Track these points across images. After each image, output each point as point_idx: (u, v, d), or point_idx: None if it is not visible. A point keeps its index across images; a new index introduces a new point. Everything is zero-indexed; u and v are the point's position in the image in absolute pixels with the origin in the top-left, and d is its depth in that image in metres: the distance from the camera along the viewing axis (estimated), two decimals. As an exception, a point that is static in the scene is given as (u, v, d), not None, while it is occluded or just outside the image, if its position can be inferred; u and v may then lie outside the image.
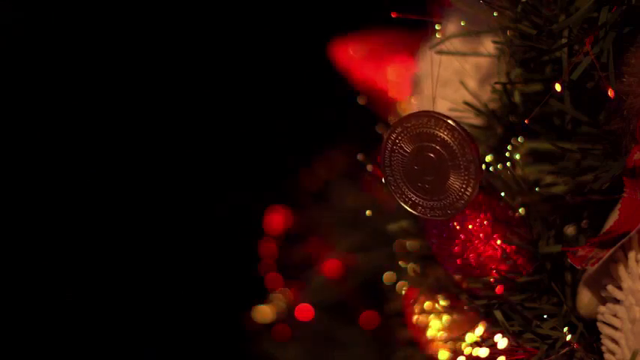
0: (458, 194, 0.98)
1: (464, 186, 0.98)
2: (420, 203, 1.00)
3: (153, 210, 1.97)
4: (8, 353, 1.94)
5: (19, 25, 1.95)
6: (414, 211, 1.00)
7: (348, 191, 1.56)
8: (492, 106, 1.11)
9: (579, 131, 1.04)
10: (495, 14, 1.03)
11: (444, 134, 0.97)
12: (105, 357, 1.96)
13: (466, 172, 0.97)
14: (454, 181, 0.98)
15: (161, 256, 1.96)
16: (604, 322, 1.00)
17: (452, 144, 0.97)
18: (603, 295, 1.00)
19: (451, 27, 1.18)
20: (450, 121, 0.97)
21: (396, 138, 0.99)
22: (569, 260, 0.99)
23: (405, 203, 1.01)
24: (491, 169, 1.08)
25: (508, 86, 1.08)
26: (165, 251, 1.96)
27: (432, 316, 1.16)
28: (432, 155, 0.98)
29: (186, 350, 1.96)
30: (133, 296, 1.95)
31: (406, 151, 0.99)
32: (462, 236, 1.06)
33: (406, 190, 1.00)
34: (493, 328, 1.05)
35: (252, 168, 1.95)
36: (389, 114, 1.45)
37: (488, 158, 1.09)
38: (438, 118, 0.97)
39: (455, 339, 1.11)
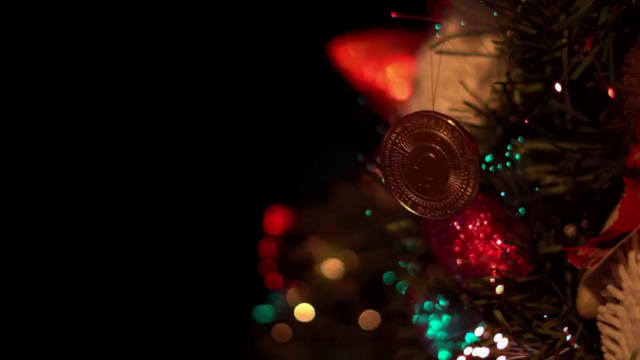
0: (458, 194, 0.98)
1: (464, 186, 0.98)
2: (420, 203, 1.00)
3: (153, 210, 1.97)
4: (8, 353, 1.94)
5: (17, 23, 1.95)
6: (414, 211, 1.00)
7: (348, 191, 1.56)
8: (492, 106, 1.11)
9: (579, 131, 1.04)
10: (495, 14, 1.03)
11: (443, 134, 0.97)
12: (105, 357, 1.96)
13: (466, 172, 0.97)
14: (454, 181, 0.98)
15: (161, 256, 1.96)
16: (604, 322, 1.00)
17: (452, 144, 0.97)
18: (603, 295, 1.00)
19: (451, 27, 1.18)
20: (449, 121, 0.97)
21: (396, 138, 0.99)
22: (569, 260, 0.99)
23: (405, 203, 1.01)
24: (491, 169, 1.08)
25: (508, 86, 1.08)
26: (165, 251, 1.95)
27: (431, 316, 1.16)
28: (431, 155, 0.98)
29: (187, 350, 1.96)
30: (133, 296, 1.95)
31: (406, 151, 0.99)
32: (462, 236, 1.06)
33: (406, 190, 1.00)
34: (493, 328, 1.05)
35: (252, 168, 1.95)
36: (389, 114, 1.45)
37: (488, 158, 1.09)
38: (437, 118, 0.97)
39: (455, 339, 1.11)
